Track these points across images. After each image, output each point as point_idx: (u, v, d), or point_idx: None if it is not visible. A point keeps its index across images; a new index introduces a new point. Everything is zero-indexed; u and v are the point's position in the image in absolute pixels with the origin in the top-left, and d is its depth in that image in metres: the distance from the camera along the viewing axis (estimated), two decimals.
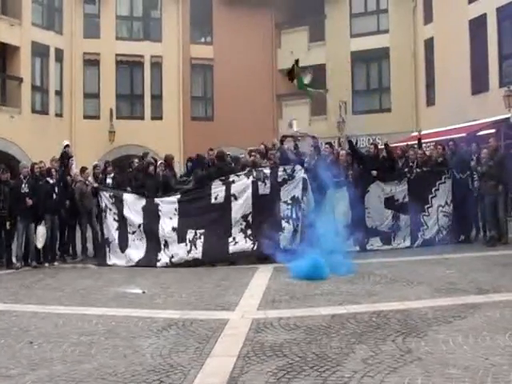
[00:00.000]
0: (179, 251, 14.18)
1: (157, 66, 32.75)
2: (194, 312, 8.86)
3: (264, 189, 14.29)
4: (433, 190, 15.42)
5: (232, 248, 14.02)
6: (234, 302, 9.46)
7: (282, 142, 17.51)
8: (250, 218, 14.14)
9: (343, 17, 32.88)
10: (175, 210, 14.43)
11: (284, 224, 14.15)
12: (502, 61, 25.18)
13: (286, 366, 6.15)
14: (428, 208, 15.37)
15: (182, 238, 14.22)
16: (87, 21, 31.82)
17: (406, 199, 15.37)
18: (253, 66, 31.34)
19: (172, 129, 31.54)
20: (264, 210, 14.13)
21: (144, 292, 10.72)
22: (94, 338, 7.52)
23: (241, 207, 14.19)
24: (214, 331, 7.61)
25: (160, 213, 14.48)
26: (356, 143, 17.01)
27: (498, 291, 9.34)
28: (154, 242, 14.40)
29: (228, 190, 14.26)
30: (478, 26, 26.10)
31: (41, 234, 14.56)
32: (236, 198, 14.23)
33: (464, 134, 21.48)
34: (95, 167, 17.17)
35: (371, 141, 28.80)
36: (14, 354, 6.99)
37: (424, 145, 19.03)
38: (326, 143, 18.08)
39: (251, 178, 14.34)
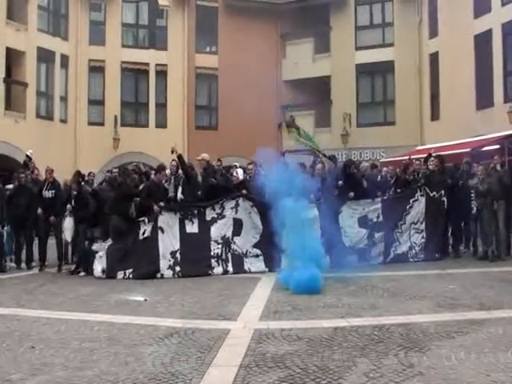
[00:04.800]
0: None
1: (162, 74, 32.81)
2: (196, 321, 8.84)
3: (192, 227, 14.11)
4: (407, 207, 15.50)
5: None
6: (236, 312, 9.45)
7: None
8: (178, 255, 13.92)
9: (348, 29, 32.92)
10: (106, 252, 14.05)
11: (214, 263, 14.08)
12: (506, 76, 25.26)
13: (287, 377, 6.14)
14: (401, 225, 15.41)
15: (113, 276, 13.86)
16: (93, 28, 31.87)
17: (380, 218, 15.35)
18: (257, 76, 31.28)
19: (176, 137, 31.38)
20: (193, 248, 13.94)
21: (146, 300, 10.73)
22: (95, 345, 7.51)
23: (168, 242, 13.95)
24: (215, 341, 7.59)
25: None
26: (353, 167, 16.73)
27: (500, 307, 9.34)
28: None
29: (155, 222, 14.00)
30: (483, 41, 26.19)
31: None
32: (163, 231, 14.00)
33: (468, 149, 21.46)
34: (89, 174, 17.17)
35: (375, 154, 29.03)
36: (16, 358, 6.99)
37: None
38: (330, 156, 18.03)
39: (178, 215, 14.19)
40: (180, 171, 15.17)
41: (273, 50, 34.21)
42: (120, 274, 13.73)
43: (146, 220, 14.01)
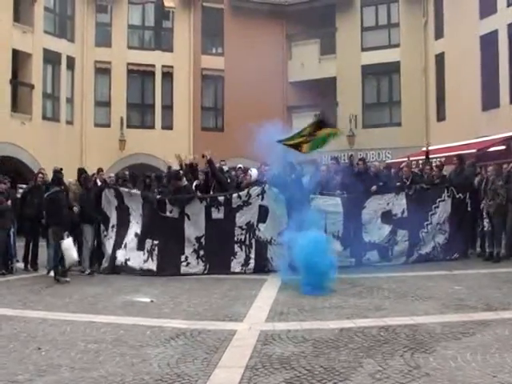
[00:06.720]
0: (136, 258, 14.43)
1: (168, 75, 32.79)
2: (202, 322, 8.86)
3: (217, 214, 14.35)
4: (433, 207, 15.41)
5: (184, 269, 14.17)
6: (242, 313, 9.46)
7: None
8: (202, 240, 14.27)
9: (354, 30, 32.87)
10: (140, 215, 14.70)
11: (237, 249, 14.27)
12: None
13: (293, 378, 6.14)
14: (427, 225, 15.33)
15: (141, 247, 14.43)
16: (99, 29, 31.87)
17: (405, 214, 15.25)
18: (263, 78, 31.29)
19: (182, 139, 31.50)
20: (217, 233, 14.23)
21: (152, 301, 10.75)
22: (101, 346, 7.53)
23: (193, 228, 14.31)
24: (221, 342, 7.61)
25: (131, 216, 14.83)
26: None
27: (507, 308, 9.31)
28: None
29: (182, 208, 14.41)
30: (488, 41, 26.09)
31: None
32: (189, 218, 14.36)
33: (474, 150, 21.43)
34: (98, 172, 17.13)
35: (381, 155, 29.00)
36: (22, 359, 7.01)
37: (434, 160, 19.06)
38: (332, 158, 18.12)
39: (204, 203, 14.46)
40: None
41: (279, 51, 34.16)
42: (148, 242, 14.33)
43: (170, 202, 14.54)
